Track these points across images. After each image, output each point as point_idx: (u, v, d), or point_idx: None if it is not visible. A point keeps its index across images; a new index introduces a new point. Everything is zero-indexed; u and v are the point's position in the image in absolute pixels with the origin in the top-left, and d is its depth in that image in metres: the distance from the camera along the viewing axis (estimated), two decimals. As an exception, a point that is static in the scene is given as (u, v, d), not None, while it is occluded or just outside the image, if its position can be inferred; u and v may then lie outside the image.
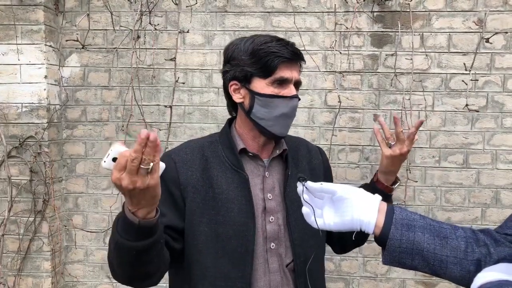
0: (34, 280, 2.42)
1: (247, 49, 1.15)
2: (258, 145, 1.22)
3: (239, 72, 1.16)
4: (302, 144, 1.35)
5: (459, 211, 2.37)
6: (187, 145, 1.24)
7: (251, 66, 1.14)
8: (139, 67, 2.42)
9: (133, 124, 2.45)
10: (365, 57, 2.36)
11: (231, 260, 1.13)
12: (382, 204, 0.93)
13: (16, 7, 2.30)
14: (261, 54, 1.13)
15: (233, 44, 1.21)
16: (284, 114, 1.16)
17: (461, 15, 2.30)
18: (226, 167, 1.18)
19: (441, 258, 0.87)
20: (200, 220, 1.14)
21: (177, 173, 1.16)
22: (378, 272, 2.43)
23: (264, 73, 1.13)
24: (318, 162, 1.34)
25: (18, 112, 2.35)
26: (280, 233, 1.18)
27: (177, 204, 1.16)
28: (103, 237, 2.51)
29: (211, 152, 1.21)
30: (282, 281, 1.17)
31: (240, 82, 1.17)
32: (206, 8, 2.41)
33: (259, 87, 1.14)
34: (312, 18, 2.37)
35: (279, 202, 1.20)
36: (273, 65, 1.12)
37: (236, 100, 1.20)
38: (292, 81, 1.16)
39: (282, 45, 1.14)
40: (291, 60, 1.14)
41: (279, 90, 1.14)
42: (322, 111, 2.40)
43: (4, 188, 2.39)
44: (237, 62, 1.16)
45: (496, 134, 2.33)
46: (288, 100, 1.15)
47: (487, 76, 2.31)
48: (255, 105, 1.15)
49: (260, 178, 1.20)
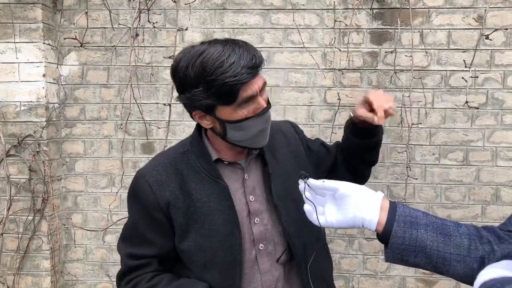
0: (33, 279, 2.41)
1: (197, 77, 1.00)
2: (235, 152, 1.17)
3: (198, 104, 1.04)
4: (276, 131, 1.27)
5: (459, 208, 2.37)
6: (158, 162, 1.17)
7: (209, 98, 1.02)
8: (137, 65, 2.41)
9: (132, 122, 2.44)
10: (364, 54, 2.36)
11: (221, 271, 1.11)
12: (384, 201, 0.92)
13: (14, 5, 2.28)
14: (216, 86, 0.98)
15: (179, 66, 1.04)
16: (260, 131, 1.09)
17: (461, 11, 2.29)
18: (203, 177, 1.13)
19: (444, 256, 0.86)
20: (186, 236, 1.12)
21: (155, 197, 1.11)
22: (378, 270, 2.43)
23: (226, 101, 1.02)
24: (295, 142, 1.30)
25: (16, 111, 2.34)
26: (267, 232, 1.17)
27: (164, 227, 1.13)
28: (102, 235, 2.50)
29: (185, 164, 1.14)
30: (274, 279, 1.16)
31: (203, 112, 1.07)
32: (204, 6, 2.40)
33: (226, 114, 1.04)
34: (311, 15, 2.36)
35: (262, 201, 1.17)
36: (234, 93, 1.00)
37: (205, 126, 1.12)
38: (258, 94, 1.05)
39: (236, 64, 0.98)
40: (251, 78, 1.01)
41: (248, 109, 1.04)
42: (322, 108, 2.39)
43: (3, 187, 2.38)
44: (191, 95, 1.03)
45: (496, 131, 2.32)
46: (260, 116, 1.06)
47: (487, 73, 2.30)
48: (228, 131, 1.07)
49: (240, 181, 1.17)
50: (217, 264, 1.11)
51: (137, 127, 2.46)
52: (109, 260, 2.52)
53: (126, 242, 1.18)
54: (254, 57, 1.01)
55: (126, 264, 1.17)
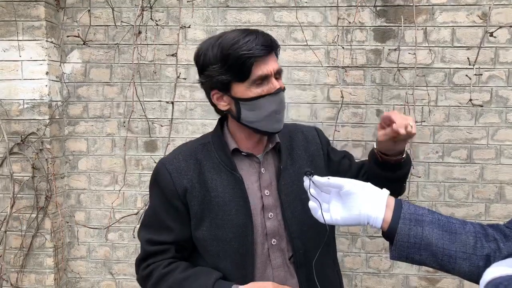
0: (37, 277, 2.41)
1: (215, 56, 1.09)
2: (253, 142, 1.20)
3: (215, 83, 1.12)
4: (297, 131, 1.31)
5: (463, 206, 2.36)
6: (180, 151, 1.23)
7: (225, 74, 1.08)
8: (140, 63, 2.41)
9: (135, 120, 2.44)
10: (368, 52, 2.35)
11: (233, 262, 1.14)
12: (390, 199, 0.92)
13: (17, 3, 2.29)
14: (231, 59, 1.06)
15: (200, 51, 1.14)
16: (273, 111, 1.12)
17: (465, 9, 2.28)
18: (220, 169, 1.17)
19: (450, 253, 0.86)
20: (200, 224, 1.15)
21: (174, 184, 1.16)
22: (381, 268, 2.42)
23: (240, 77, 1.08)
24: (316, 147, 1.30)
25: (19, 109, 2.34)
26: (280, 228, 1.18)
27: (182, 214, 1.17)
28: (105, 233, 2.51)
29: (204, 155, 1.19)
30: (285, 275, 1.17)
31: (220, 91, 1.13)
32: (207, 3, 2.40)
33: (240, 92, 1.10)
34: (314, 12, 2.36)
35: (276, 197, 1.19)
36: (247, 67, 1.06)
37: (222, 108, 1.16)
38: (272, 75, 1.11)
39: (251, 42, 1.06)
40: (264, 55, 1.08)
41: (262, 89, 1.09)
42: (325, 106, 2.39)
43: (7, 184, 2.38)
44: (210, 72, 1.11)
45: (500, 129, 2.31)
46: (273, 96, 1.11)
47: (491, 71, 2.29)
48: (242, 111, 1.12)
49: (257, 175, 1.19)
50: (230, 255, 1.14)
51: (140, 125, 2.46)
52: (112, 258, 2.53)
53: (146, 228, 1.22)
54: (270, 40, 1.09)
55: (144, 250, 1.21)
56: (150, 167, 2.46)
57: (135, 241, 2.49)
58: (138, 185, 2.49)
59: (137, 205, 2.49)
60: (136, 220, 2.46)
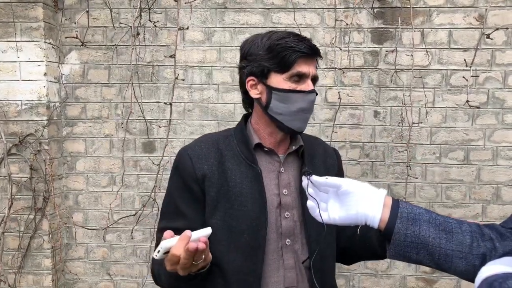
0: (34, 278, 2.41)
1: (264, 44, 1.15)
2: (275, 140, 1.22)
3: (256, 68, 1.16)
4: (319, 143, 1.35)
5: (460, 207, 2.37)
6: (202, 139, 1.26)
7: (268, 61, 1.14)
8: (138, 64, 2.41)
9: (133, 121, 2.44)
10: (365, 53, 2.36)
11: (243, 254, 1.14)
12: (387, 199, 0.92)
13: (15, 4, 2.29)
14: (278, 49, 1.12)
15: (250, 40, 1.21)
16: (302, 109, 1.15)
17: (462, 11, 2.29)
18: (240, 161, 1.18)
19: (446, 252, 0.87)
20: (215, 212, 1.16)
21: (193, 168, 1.17)
22: (378, 269, 2.43)
23: (282, 68, 1.13)
24: (332, 162, 1.33)
25: (17, 110, 2.34)
26: (295, 229, 1.18)
27: (197, 199, 1.17)
28: (103, 234, 2.51)
29: (226, 146, 1.21)
30: (297, 278, 1.17)
31: (257, 78, 1.17)
32: (205, 5, 2.40)
33: (276, 82, 1.14)
34: (312, 14, 2.37)
35: (295, 198, 1.19)
36: (291, 60, 1.12)
37: (253, 95, 1.19)
38: (309, 76, 1.15)
39: (299, 40, 1.14)
40: (308, 55, 1.14)
41: (297, 85, 1.14)
42: (322, 107, 2.40)
43: (4, 185, 2.38)
44: (254, 57, 1.16)
45: (497, 130, 2.33)
46: (306, 94, 1.14)
47: (487, 72, 2.31)
48: (273, 100, 1.15)
49: (275, 173, 1.20)
50: (241, 246, 1.14)
51: (138, 126, 2.46)
52: (110, 259, 2.53)
53: (161, 218, 1.24)
54: (315, 46, 1.17)
55: (158, 239, 1.20)
56: (148, 168, 2.46)
57: (133, 242, 2.49)
58: (136, 186, 2.49)
59: (135, 206, 2.49)
60: (134, 221, 2.46)
